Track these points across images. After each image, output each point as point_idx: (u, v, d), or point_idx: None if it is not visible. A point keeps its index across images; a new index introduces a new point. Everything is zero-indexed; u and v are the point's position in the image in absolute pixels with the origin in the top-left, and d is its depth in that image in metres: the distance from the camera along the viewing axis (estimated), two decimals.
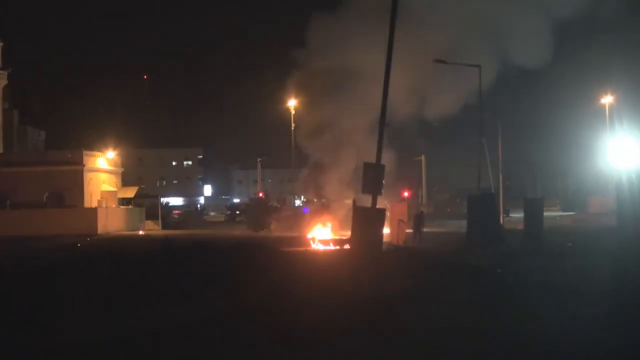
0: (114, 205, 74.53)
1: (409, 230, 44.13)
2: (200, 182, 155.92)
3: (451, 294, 22.05)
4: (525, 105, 78.02)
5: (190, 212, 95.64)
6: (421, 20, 54.49)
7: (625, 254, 30.92)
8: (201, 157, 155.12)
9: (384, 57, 31.58)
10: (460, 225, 47.92)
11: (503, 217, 49.15)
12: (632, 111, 71.08)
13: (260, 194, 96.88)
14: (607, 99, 75.49)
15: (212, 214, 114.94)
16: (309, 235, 43.49)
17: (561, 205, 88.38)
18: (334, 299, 21.01)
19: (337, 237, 42.29)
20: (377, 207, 30.21)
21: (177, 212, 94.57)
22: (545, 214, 47.74)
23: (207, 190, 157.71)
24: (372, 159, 30.94)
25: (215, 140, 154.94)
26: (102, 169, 77.26)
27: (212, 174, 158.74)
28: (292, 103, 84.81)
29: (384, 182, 31.17)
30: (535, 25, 65.06)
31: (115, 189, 78.30)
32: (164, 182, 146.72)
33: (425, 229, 45.42)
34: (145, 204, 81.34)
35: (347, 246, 35.99)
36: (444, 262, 31.19)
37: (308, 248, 41.09)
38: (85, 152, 74.63)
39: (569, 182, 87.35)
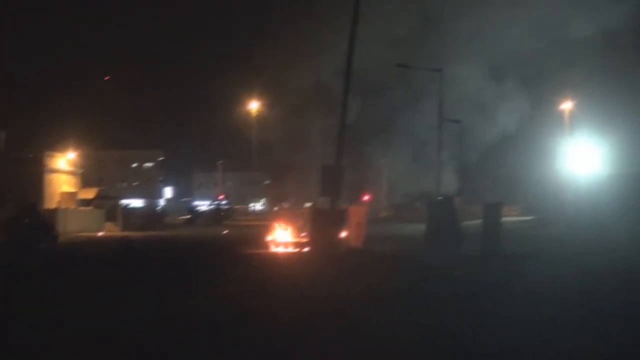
0: (73, 207, 74.08)
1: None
2: (161, 185, 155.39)
3: (409, 296, 22.20)
4: (486, 109, 78.41)
5: (151, 214, 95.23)
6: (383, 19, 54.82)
7: (583, 257, 31.18)
8: (162, 159, 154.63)
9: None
10: (419, 229, 48.05)
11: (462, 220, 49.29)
12: (590, 117, 71.79)
13: (221, 197, 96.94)
14: (567, 105, 76.15)
15: (176, 216, 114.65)
16: (269, 238, 43.48)
17: (521, 209, 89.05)
18: (293, 300, 21.06)
19: (296, 240, 42.34)
20: (336, 209, 30.33)
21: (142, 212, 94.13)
22: (504, 218, 48.00)
23: (168, 192, 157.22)
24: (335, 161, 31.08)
25: (177, 142, 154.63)
26: (62, 170, 76.76)
27: (173, 176, 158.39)
28: (253, 106, 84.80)
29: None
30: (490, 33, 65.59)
31: (75, 190, 77.81)
32: (125, 184, 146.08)
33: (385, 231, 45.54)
34: (105, 205, 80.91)
35: (306, 248, 36.07)
36: (403, 264, 31.35)
37: (268, 250, 41.17)
38: (45, 153, 74.09)
39: (529, 186, 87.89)
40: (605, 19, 65.36)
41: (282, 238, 43.26)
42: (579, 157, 64.63)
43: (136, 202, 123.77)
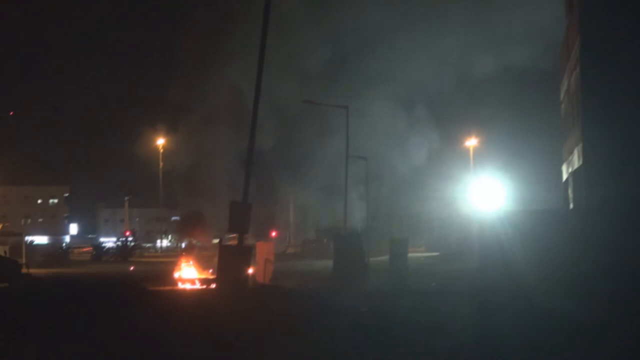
0: None
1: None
2: (66, 221, 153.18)
3: (316, 332, 22.24)
4: (395, 145, 79.24)
5: (56, 251, 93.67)
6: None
7: (487, 294, 31.55)
8: (67, 195, 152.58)
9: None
10: (327, 265, 48.23)
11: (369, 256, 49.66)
12: (495, 154, 73.14)
13: (127, 233, 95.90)
14: (471, 142, 77.49)
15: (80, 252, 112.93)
16: (176, 274, 43.21)
17: (426, 245, 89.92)
18: (198, 336, 20.96)
19: (203, 276, 42.15)
20: (244, 245, 30.34)
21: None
22: (411, 254, 48.52)
23: (73, 229, 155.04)
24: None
25: (82, 178, 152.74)
26: None
27: (78, 212, 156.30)
28: (160, 142, 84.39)
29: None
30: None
31: None
32: (29, 220, 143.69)
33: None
34: (9, 242, 79.34)
35: (213, 285, 35.93)
36: (310, 300, 31.40)
37: (175, 287, 40.87)
38: None
39: (434, 223, 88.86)
40: (511, 59, 66.79)
41: (189, 274, 43.03)
42: (483, 194, 65.70)
43: (41, 239, 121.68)
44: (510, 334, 21.47)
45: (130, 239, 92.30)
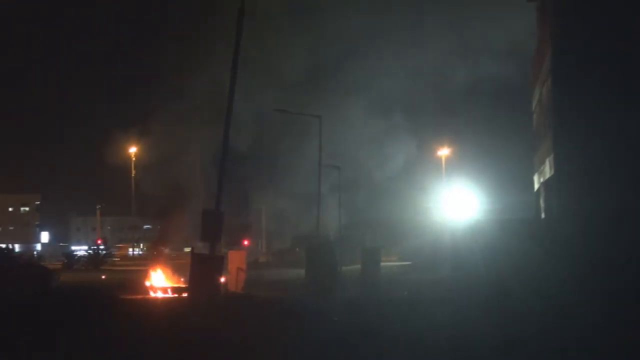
0: None
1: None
2: (38, 229, 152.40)
3: (287, 341, 22.25)
4: (370, 155, 79.35)
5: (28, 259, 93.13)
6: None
7: (461, 302, 31.70)
8: (39, 203, 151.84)
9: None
10: (300, 273, 48.26)
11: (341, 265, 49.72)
12: (467, 164, 73.48)
13: (100, 241, 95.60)
14: (444, 152, 77.86)
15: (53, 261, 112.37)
16: (147, 283, 43.06)
17: (399, 254, 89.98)
18: (168, 346, 20.92)
19: (175, 285, 42.04)
20: (216, 254, 30.30)
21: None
22: (383, 263, 48.67)
23: (45, 237, 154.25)
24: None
25: (54, 186, 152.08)
26: None
27: (49, 220, 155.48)
28: (132, 150, 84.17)
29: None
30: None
31: None
32: (0, 229, 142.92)
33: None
34: None
35: (185, 294, 35.83)
36: (283, 309, 31.39)
37: (146, 296, 40.73)
38: None
39: (406, 232, 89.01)
40: (485, 70, 67.05)
41: (161, 283, 42.91)
42: (456, 203, 65.96)
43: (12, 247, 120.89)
44: (485, 341, 21.55)
45: (102, 246, 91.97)
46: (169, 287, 42.09)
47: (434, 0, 69.46)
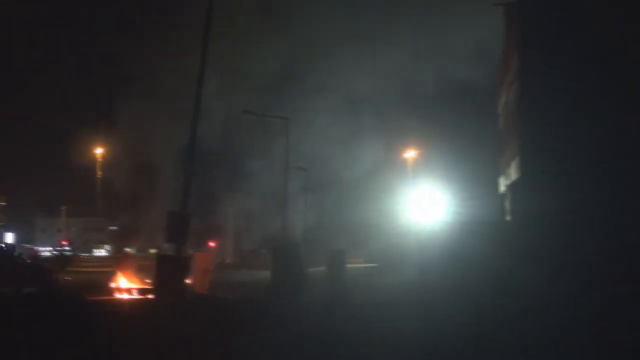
0: None
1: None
2: (2, 230, 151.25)
3: (252, 343, 22.22)
4: (339, 156, 79.42)
5: None
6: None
7: (426, 304, 31.74)
8: (4, 204, 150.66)
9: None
10: (266, 275, 48.19)
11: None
12: (434, 167, 73.66)
13: (65, 242, 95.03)
14: (410, 154, 78.06)
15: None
16: (113, 285, 42.88)
17: (365, 256, 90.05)
18: (134, 347, 20.84)
19: (141, 286, 41.89)
20: (182, 256, 30.22)
21: None
22: (349, 265, 48.65)
23: (10, 238, 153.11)
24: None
25: (19, 187, 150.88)
26: None
27: (15, 221, 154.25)
28: (99, 151, 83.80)
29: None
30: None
31: None
32: None
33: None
34: None
35: (150, 295, 35.73)
36: (248, 311, 31.36)
37: (112, 297, 40.57)
38: None
39: (373, 234, 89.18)
40: (453, 73, 67.28)
41: (126, 284, 42.74)
42: (423, 205, 66.11)
43: None
44: (453, 344, 21.62)
45: (67, 248, 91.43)
46: (134, 289, 41.94)
47: (402, 2, 69.74)
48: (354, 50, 71.26)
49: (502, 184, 41.63)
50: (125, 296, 40.88)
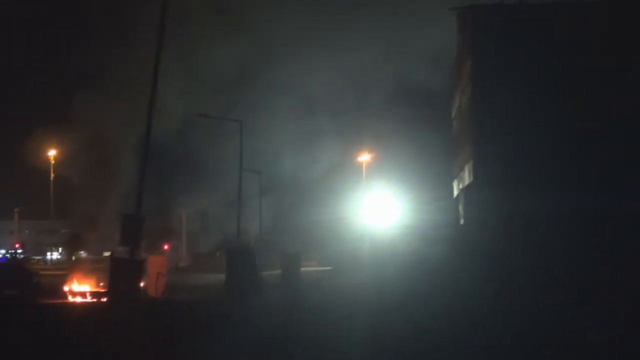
0: None
1: None
2: None
3: (208, 345, 22.20)
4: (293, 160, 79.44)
5: None
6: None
7: (379, 307, 31.91)
8: None
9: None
10: (220, 278, 48.09)
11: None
12: (389, 170, 73.92)
13: (17, 245, 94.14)
14: (364, 157, 78.31)
15: None
16: (66, 288, 42.54)
17: (319, 260, 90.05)
18: (87, 350, 20.76)
19: (94, 290, 41.60)
20: (135, 259, 30.10)
21: None
22: (303, 268, 48.67)
23: None
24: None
25: None
26: None
27: None
28: (52, 153, 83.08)
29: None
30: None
31: None
32: None
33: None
34: None
35: (104, 299, 35.52)
36: (202, 314, 31.29)
37: (65, 300, 40.29)
38: None
39: (327, 237, 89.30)
40: (408, 77, 67.50)
41: (80, 288, 42.43)
42: (377, 209, 66.30)
43: None
44: (407, 346, 21.73)
45: (19, 251, 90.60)
46: (88, 292, 41.65)
47: (362, 5, 69.95)
48: (314, 51, 71.33)
49: (456, 188, 41.93)
50: (78, 300, 40.63)
